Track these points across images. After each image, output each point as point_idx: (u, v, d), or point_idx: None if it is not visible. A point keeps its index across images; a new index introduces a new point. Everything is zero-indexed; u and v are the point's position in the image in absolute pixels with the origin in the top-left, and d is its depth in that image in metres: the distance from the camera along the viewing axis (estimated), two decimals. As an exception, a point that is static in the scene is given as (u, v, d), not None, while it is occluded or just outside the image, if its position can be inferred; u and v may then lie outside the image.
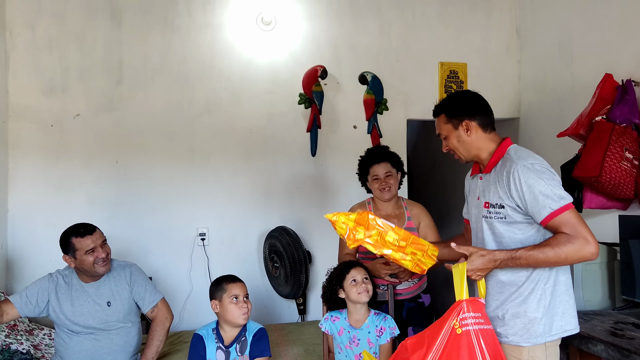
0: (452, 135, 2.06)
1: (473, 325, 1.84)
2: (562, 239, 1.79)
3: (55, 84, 3.79)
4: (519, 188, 1.85)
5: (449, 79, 4.30)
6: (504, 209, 1.91)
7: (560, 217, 1.80)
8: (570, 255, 1.79)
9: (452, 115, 2.05)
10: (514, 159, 1.91)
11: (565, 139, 3.32)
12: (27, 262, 3.70)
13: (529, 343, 1.92)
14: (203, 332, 2.47)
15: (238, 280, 2.48)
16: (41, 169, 3.76)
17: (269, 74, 4.09)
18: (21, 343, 2.90)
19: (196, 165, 3.97)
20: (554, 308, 1.94)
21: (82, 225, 2.56)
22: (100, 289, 2.60)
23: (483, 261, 1.88)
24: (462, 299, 1.87)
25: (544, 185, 1.83)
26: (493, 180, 1.97)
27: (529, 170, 1.85)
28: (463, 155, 2.07)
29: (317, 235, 4.08)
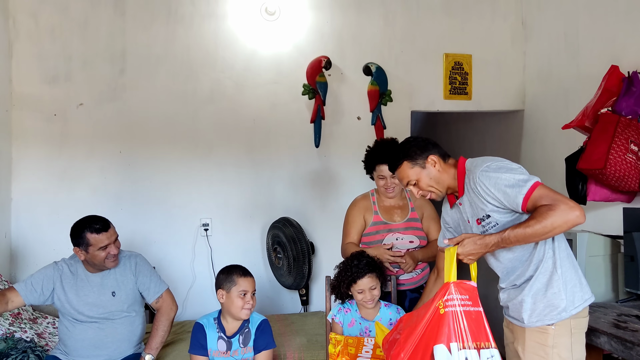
0: (422, 176, 2.09)
1: (458, 306, 1.87)
2: (543, 210, 1.82)
3: (58, 73, 3.78)
4: (488, 192, 1.93)
5: (454, 70, 4.28)
6: (490, 217, 1.97)
7: (533, 195, 1.85)
8: (557, 222, 1.80)
9: (415, 158, 2.09)
10: (472, 170, 1.99)
11: (570, 131, 3.31)
12: (30, 251, 3.71)
13: (555, 320, 1.94)
14: (204, 322, 2.47)
15: (249, 275, 2.47)
16: (44, 158, 3.76)
17: (272, 64, 4.07)
18: (25, 331, 2.91)
19: (199, 156, 3.97)
20: (568, 279, 1.97)
21: (98, 220, 2.55)
22: (105, 279, 2.61)
23: (475, 246, 1.93)
24: (449, 281, 1.92)
25: (505, 178, 1.90)
26: (470, 198, 2.04)
27: (487, 172, 1.94)
28: (439, 191, 2.12)
29: (320, 227, 4.08)
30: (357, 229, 2.93)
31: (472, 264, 1.99)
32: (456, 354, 1.81)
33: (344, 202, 3.45)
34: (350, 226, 2.95)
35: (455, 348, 1.82)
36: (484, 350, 1.84)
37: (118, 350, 2.58)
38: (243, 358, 2.42)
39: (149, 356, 2.54)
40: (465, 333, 1.84)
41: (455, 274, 1.94)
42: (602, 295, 2.91)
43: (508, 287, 2.08)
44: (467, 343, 1.83)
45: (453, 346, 1.83)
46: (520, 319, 2.00)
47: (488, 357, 1.84)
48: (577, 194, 3.14)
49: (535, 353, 1.96)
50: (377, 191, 2.97)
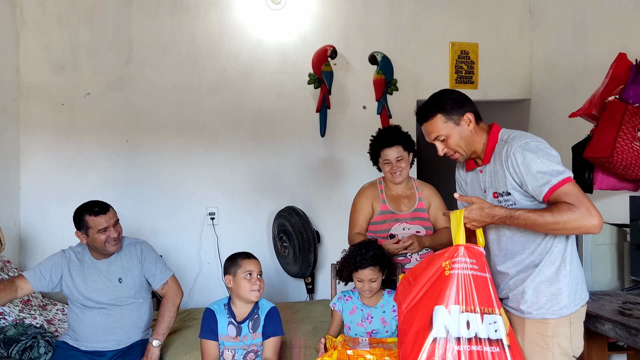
0: (454, 133, 1.96)
1: (466, 270, 1.83)
2: (563, 207, 1.75)
3: (65, 62, 3.80)
4: (517, 170, 1.84)
5: (460, 59, 4.26)
6: (510, 195, 1.89)
7: (560, 189, 1.77)
8: (570, 224, 1.74)
9: (450, 112, 1.96)
10: (509, 141, 1.88)
11: (577, 120, 3.29)
12: (39, 239, 3.75)
13: (556, 315, 1.90)
14: (215, 307, 2.49)
15: (253, 257, 2.50)
16: (52, 147, 3.79)
17: (278, 53, 4.07)
18: (35, 318, 2.94)
19: (205, 145, 3.99)
20: (574, 278, 1.94)
21: (97, 203, 2.58)
22: (111, 265, 2.63)
23: (481, 213, 1.87)
24: (459, 244, 1.88)
25: (540, 162, 1.80)
26: (495, 169, 1.94)
27: (524, 149, 1.83)
28: (465, 152, 2.00)
29: (325, 215, 4.10)
30: (365, 217, 2.92)
31: (477, 229, 1.93)
32: (457, 316, 1.78)
33: (350, 191, 3.46)
34: (357, 214, 2.93)
35: (456, 310, 1.79)
36: (487, 316, 1.80)
37: (126, 335, 2.61)
38: (252, 343, 2.45)
39: (156, 341, 2.57)
40: (471, 297, 1.80)
41: (464, 237, 1.88)
42: (608, 283, 2.91)
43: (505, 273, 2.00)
44: (470, 307, 1.79)
45: (454, 308, 1.79)
46: (520, 310, 1.95)
47: (490, 323, 1.80)
48: (584, 183, 3.13)
49: (535, 343, 1.93)
50: (384, 180, 2.97)
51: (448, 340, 1.78)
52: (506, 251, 2.00)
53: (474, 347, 1.78)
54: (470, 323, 1.78)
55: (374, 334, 2.51)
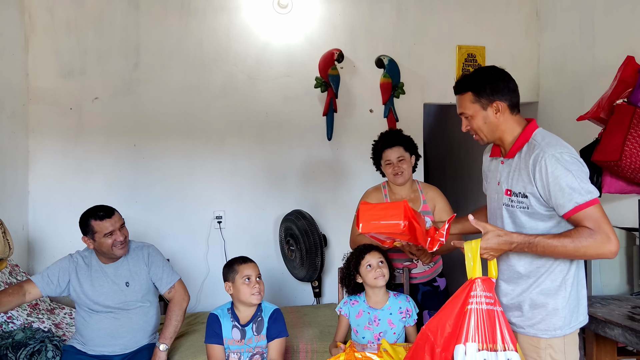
0: (478, 116, 1.91)
1: (481, 304, 1.80)
2: (584, 233, 1.72)
3: (73, 67, 3.82)
4: (544, 178, 1.77)
5: (467, 62, 4.25)
6: (527, 198, 1.83)
7: (585, 211, 1.73)
8: (589, 251, 1.73)
9: (481, 95, 1.90)
10: (542, 146, 1.81)
11: (585, 123, 3.28)
12: (47, 243, 3.77)
13: (548, 335, 1.87)
14: (218, 312, 2.51)
15: (249, 261, 2.51)
16: (60, 151, 3.81)
17: (285, 57, 4.08)
18: (43, 322, 2.96)
19: (212, 149, 4.00)
20: (574, 300, 1.90)
21: (102, 208, 2.60)
22: (118, 269, 2.64)
23: (498, 241, 1.81)
24: (475, 277, 1.84)
25: (572, 177, 1.74)
26: (517, 167, 1.88)
27: (558, 160, 1.76)
28: (486, 137, 1.95)
29: (332, 219, 4.09)
30: (369, 221, 2.92)
31: (491, 260, 1.87)
32: (474, 354, 1.75)
33: (356, 195, 3.45)
34: (361, 218, 2.94)
35: (473, 349, 1.75)
36: (502, 353, 1.76)
37: (133, 339, 2.62)
38: (257, 345, 2.45)
39: (163, 345, 2.58)
40: (486, 333, 1.77)
41: (480, 270, 1.83)
42: (617, 287, 2.89)
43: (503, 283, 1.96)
44: (487, 344, 1.76)
45: (471, 346, 1.76)
46: (512, 322, 1.91)
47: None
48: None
49: (528, 355, 1.90)
50: (388, 184, 2.97)
51: None
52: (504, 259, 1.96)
53: None
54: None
55: (381, 337, 2.51)
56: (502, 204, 1.94)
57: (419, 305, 2.83)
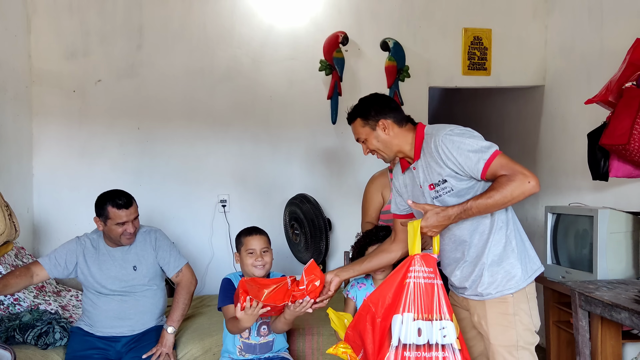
0: (370, 137, 2.11)
1: (419, 278, 1.94)
2: (503, 180, 1.87)
3: (76, 49, 3.79)
4: (449, 155, 1.94)
5: (473, 45, 4.20)
6: (446, 182, 1.98)
7: (493, 163, 1.90)
8: (515, 192, 1.86)
9: (367, 118, 2.10)
10: (434, 134, 2.01)
11: (593, 107, 3.25)
12: (52, 226, 3.77)
13: (513, 289, 2.01)
14: (231, 276, 2.51)
15: (255, 233, 2.47)
16: (64, 134, 3.80)
17: (289, 40, 4.04)
18: (49, 304, 2.97)
19: (217, 132, 3.98)
20: (522, 250, 2.06)
21: (122, 195, 2.57)
22: (126, 253, 2.64)
23: (437, 218, 1.95)
24: (414, 254, 1.98)
25: (469, 143, 1.93)
26: (426, 163, 2.04)
27: (451, 135, 1.96)
28: (386, 154, 2.13)
29: (337, 203, 4.09)
30: (375, 207, 2.92)
31: (435, 236, 2.01)
32: (410, 324, 1.89)
33: (361, 179, 3.45)
34: (368, 204, 2.94)
35: (409, 318, 1.90)
36: (437, 322, 1.91)
37: (141, 321, 2.63)
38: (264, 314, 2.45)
39: (171, 328, 2.58)
40: (421, 304, 1.91)
41: (420, 247, 1.99)
42: (623, 271, 2.89)
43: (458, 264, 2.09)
44: (422, 314, 1.91)
45: (407, 316, 1.90)
46: (479, 294, 2.04)
47: (440, 328, 1.90)
48: (599, 170, 3.10)
49: (499, 323, 2.02)
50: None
51: (398, 347, 1.90)
52: (457, 242, 2.08)
53: (425, 353, 1.90)
54: (422, 330, 1.90)
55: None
56: (432, 200, 2.06)
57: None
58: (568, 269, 3.10)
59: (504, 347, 2.02)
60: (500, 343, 2.02)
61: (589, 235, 2.95)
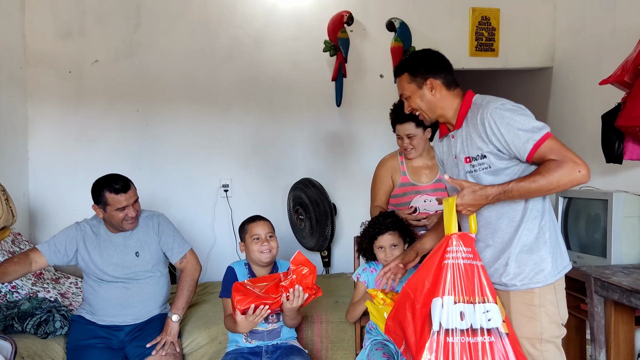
0: (415, 95, 2.00)
1: (458, 259, 1.83)
2: (551, 165, 1.75)
3: (72, 28, 3.66)
4: (496, 131, 1.82)
5: (480, 25, 4.10)
6: (486, 158, 1.88)
7: (543, 146, 1.77)
8: (562, 180, 1.74)
9: (415, 74, 1.98)
10: (484, 105, 1.87)
11: (605, 89, 3.16)
12: (49, 211, 3.67)
13: (540, 284, 1.89)
14: (235, 265, 2.47)
15: (258, 219, 2.44)
16: (60, 116, 3.69)
17: (293, 19, 3.92)
18: (48, 291, 2.87)
19: (218, 114, 3.87)
20: (555, 244, 1.93)
21: (118, 179, 2.46)
22: (128, 239, 2.55)
23: (474, 197, 1.84)
24: (450, 233, 1.86)
25: (520, 120, 1.80)
26: (467, 134, 1.93)
27: (502, 110, 1.83)
28: (427, 115, 2.02)
29: (342, 187, 4.01)
30: (385, 190, 2.84)
31: (471, 215, 1.90)
32: (451, 307, 1.78)
33: (366, 163, 3.37)
34: (377, 187, 2.86)
35: (450, 302, 1.78)
36: (480, 305, 1.79)
37: (144, 309, 2.54)
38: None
39: (176, 316, 2.50)
40: (463, 286, 1.80)
41: (456, 226, 1.87)
42: (637, 256, 2.83)
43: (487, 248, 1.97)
44: (463, 297, 1.79)
45: (448, 300, 1.78)
46: (503, 283, 1.92)
47: (484, 312, 1.79)
48: (614, 153, 3.02)
49: (523, 314, 1.91)
50: (405, 150, 2.87)
51: (440, 333, 1.78)
52: (488, 226, 1.96)
53: (468, 338, 1.78)
54: (464, 314, 1.78)
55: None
56: (466, 173, 1.96)
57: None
58: (580, 254, 3.03)
59: (527, 339, 1.90)
60: (523, 334, 1.89)
61: (601, 220, 2.88)
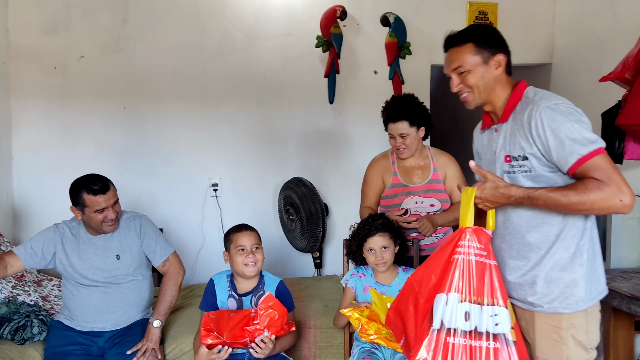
0: (477, 70, 1.75)
1: (469, 255, 1.66)
2: (590, 184, 1.54)
3: (57, 22, 3.56)
4: (541, 132, 1.62)
5: (478, 20, 4.00)
6: (527, 160, 1.68)
7: (590, 162, 1.55)
8: (598, 203, 1.54)
9: (483, 46, 1.74)
10: (535, 100, 1.67)
11: (605, 86, 3.08)
12: (33, 211, 3.57)
13: (570, 310, 1.69)
14: (216, 278, 2.39)
15: (245, 229, 2.34)
16: (45, 113, 3.59)
17: (284, 14, 3.82)
18: (29, 294, 2.79)
19: (208, 112, 3.78)
20: (591, 268, 1.72)
21: (96, 180, 2.35)
22: (108, 241, 2.45)
23: (495, 193, 1.67)
24: (465, 227, 1.70)
25: (571, 128, 1.58)
26: (512, 130, 1.73)
27: (553, 111, 1.61)
28: (479, 97, 1.79)
29: (334, 187, 3.92)
30: (375, 191, 2.75)
31: (489, 210, 1.73)
32: (455, 305, 1.63)
33: (359, 161, 3.28)
34: (367, 188, 2.78)
35: (455, 299, 1.63)
36: (488, 307, 1.63)
37: (125, 315, 2.45)
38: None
39: (157, 322, 2.41)
40: (470, 284, 1.64)
41: (472, 219, 1.70)
42: (637, 260, 2.77)
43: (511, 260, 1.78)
44: (470, 296, 1.63)
45: (453, 297, 1.63)
46: (528, 302, 1.75)
47: (491, 315, 1.63)
48: (614, 152, 2.93)
49: (548, 336, 1.73)
50: (397, 150, 2.77)
51: (440, 331, 1.63)
52: (512, 229, 1.77)
53: (471, 341, 1.62)
54: (469, 314, 1.63)
55: (389, 314, 2.35)
56: (503, 173, 1.77)
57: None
58: (578, 257, 2.95)
59: None
60: (546, 358, 1.74)
61: (600, 221, 2.79)
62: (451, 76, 1.81)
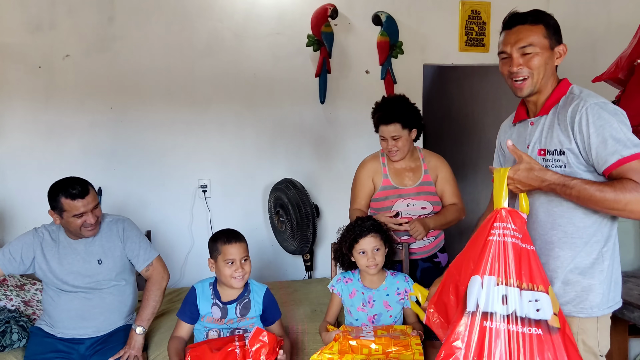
0: (544, 53, 1.70)
1: (505, 237, 1.59)
2: (629, 185, 1.53)
3: (41, 20, 3.49)
4: (584, 128, 1.59)
5: (470, 19, 3.95)
6: (564, 155, 1.65)
7: (630, 164, 1.55)
8: (631, 205, 1.52)
9: (553, 33, 1.72)
10: (582, 97, 1.65)
11: (599, 86, 3.03)
12: (19, 213, 3.51)
13: (583, 314, 1.68)
14: (198, 286, 2.32)
15: (234, 241, 2.24)
16: (30, 114, 3.52)
17: (275, 12, 3.76)
18: (10, 299, 2.72)
19: (197, 112, 3.71)
20: (610, 277, 1.70)
21: (75, 183, 2.28)
22: (90, 246, 2.39)
23: (529, 175, 1.63)
24: (500, 207, 1.64)
25: (617, 128, 1.57)
26: (551, 123, 1.70)
27: (601, 108, 1.59)
28: (537, 82, 1.72)
29: (325, 188, 3.87)
30: (365, 193, 2.70)
31: (521, 194, 1.69)
32: (492, 288, 1.55)
33: (351, 163, 3.23)
34: (357, 190, 2.72)
35: (490, 282, 1.55)
36: (527, 292, 1.55)
37: (107, 321, 2.39)
38: (238, 327, 2.25)
39: (140, 328, 2.35)
40: (506, 267, 1.56)
41: (507, 199, 1.64)
42: (631, 263, 2.73)
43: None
44: (509, 279, 1.55)
45: (489, 280, 1.55)
46: None
47: (530, 300, 1.54)
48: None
49: None
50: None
51: (476, 314, 1.55)
52: (537, 224, 1.74)
53: (511, 326, 1.53)
54: (507, 298, 1.54)
55: (377, 319, 2.31)
56: None
57: (417, 282, 2.62)
58: (571, 260, 2.90)
59: None
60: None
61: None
62: (512, 54, 1.73)
